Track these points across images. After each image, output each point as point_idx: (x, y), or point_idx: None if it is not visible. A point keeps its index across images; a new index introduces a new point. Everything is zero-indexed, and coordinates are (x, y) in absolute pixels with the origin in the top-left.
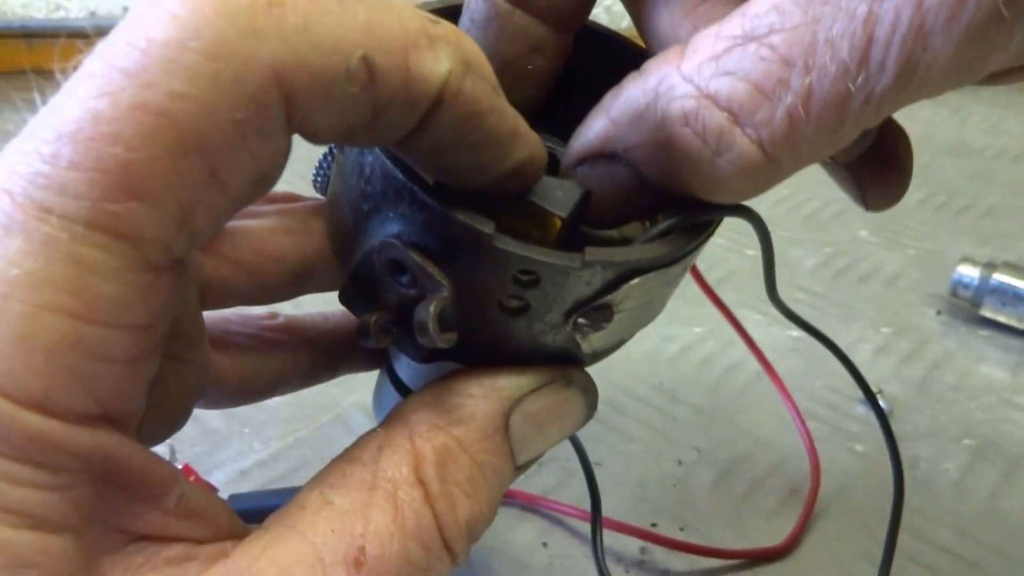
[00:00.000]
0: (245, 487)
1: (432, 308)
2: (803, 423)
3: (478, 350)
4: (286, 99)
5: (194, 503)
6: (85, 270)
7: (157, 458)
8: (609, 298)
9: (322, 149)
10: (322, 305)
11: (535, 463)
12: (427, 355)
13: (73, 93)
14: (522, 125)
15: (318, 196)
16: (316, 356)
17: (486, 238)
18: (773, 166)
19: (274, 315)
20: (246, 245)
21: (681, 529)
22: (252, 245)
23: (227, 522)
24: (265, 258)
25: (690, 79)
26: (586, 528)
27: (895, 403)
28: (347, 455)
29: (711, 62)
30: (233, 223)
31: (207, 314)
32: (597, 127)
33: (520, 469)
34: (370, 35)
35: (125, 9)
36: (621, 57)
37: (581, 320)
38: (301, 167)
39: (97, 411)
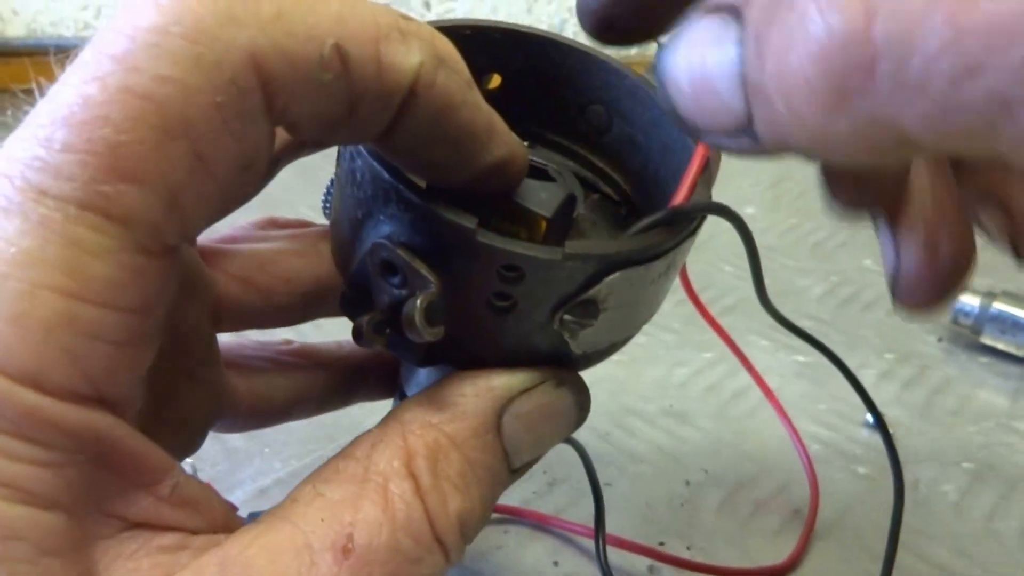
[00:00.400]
0: (265, 505)
1: (419, 302)
2: (803, 446)
3: (472, 352)
4: (264, 84)
5: (189, 492)
6: (79, 250)
7: (152, 445)
8: (592, 293)
9: (331, 176)
10: (341, 332)
11: (531, 469)
12: (423, 357)
13: (67, 80)
14: (498, 122)
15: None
16: (330, 381)
17: (469, 233)
18: None
19: (289, 342)
20: (256, 265)
21: (688, 548)
22: (263, 265)
23: (222, 514)
24: (276, 278)
25: None
26: (539, 529)
27: (897, 427)
28: (342, 453)
29: None
30: (244, 245)
31: (223, 339)
32: None
33: (516, 473)
34: (342, 25)
35: None
36: (554, 57)
37: (567, 317)
38: (312, 197)
39: (89, 391)
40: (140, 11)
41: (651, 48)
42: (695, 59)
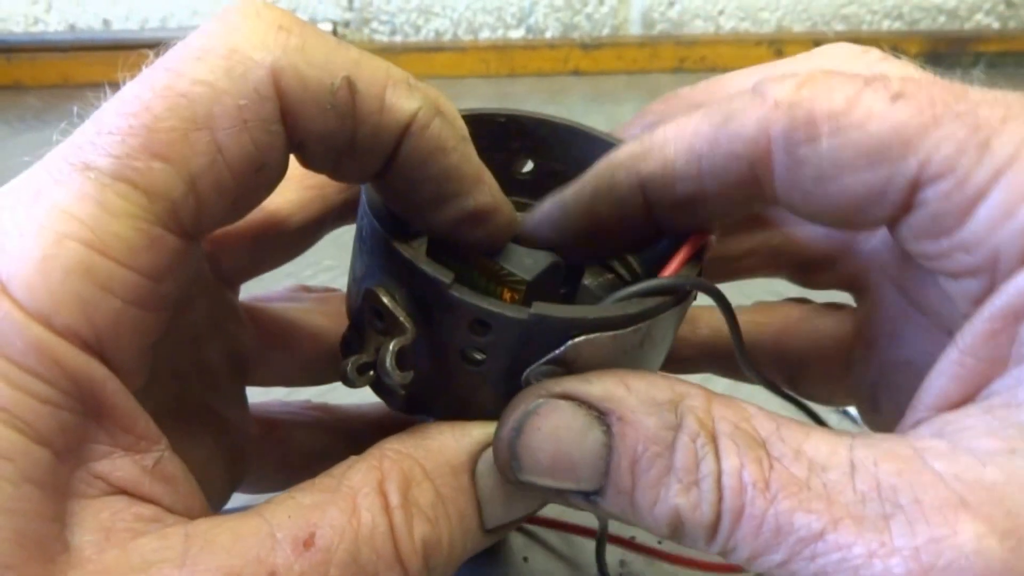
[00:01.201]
0: None
1: (392, 346)
2: None
3: (450, 403)
4: (280, 96)
5: (171, 470)
6: (104, 211)
7: (144, 414)
8: (559, 354)
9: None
10: (366, 396)
11: (504, 533)
12: (404, 404)
13: (128, 84)
14: (487, 175)
15: None
16: (350, 436)
17: (443, 286)
18: None
19: (310, 402)
20: (284, 321)
21: (660, 542)
22: (290, 322)
23: (198, 502)
24: (302, 335)
25: None
26: (566, 543)
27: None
28: (322, 473)
29: None
30: (274, 304)
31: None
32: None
33: (489, 534)
34: (357, 67)
35: (105, 22)
36: (582, 145)
37: (534, 377)
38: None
39: (93, 339)
40: (195, 38)
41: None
42: (560, 444)
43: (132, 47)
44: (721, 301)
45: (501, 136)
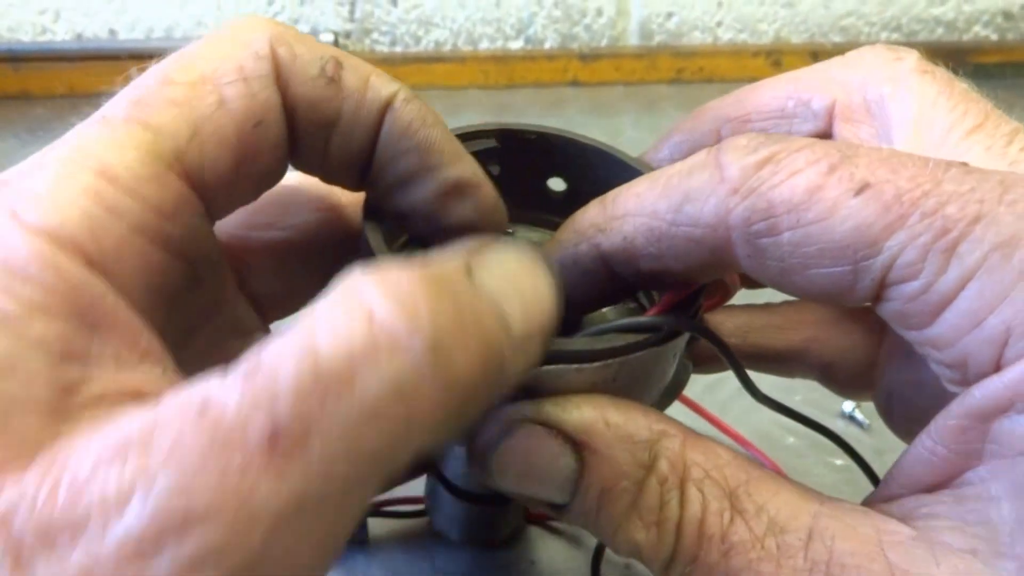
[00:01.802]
0: None
1: None
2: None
3: None
4: (276, 65)
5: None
6: (116, 146)
7: (148, 331)
8: (525, 379)
9: None
10: None
11: None
12: None
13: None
14: (467, 154)
15: None
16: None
17: None
18: None
19: None
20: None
21: None
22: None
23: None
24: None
25: None
26: (573, 545)
27: (874, 417)
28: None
29: None
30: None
31: None
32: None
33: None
34: (344, 55)
35: (111, 31)
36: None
37: (499, 399)
38: None
39: (97, 256)
40: (217, 29)
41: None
42: (531, 466)
43: (138, 57)
44: (716, 342)
45: (531, 153)
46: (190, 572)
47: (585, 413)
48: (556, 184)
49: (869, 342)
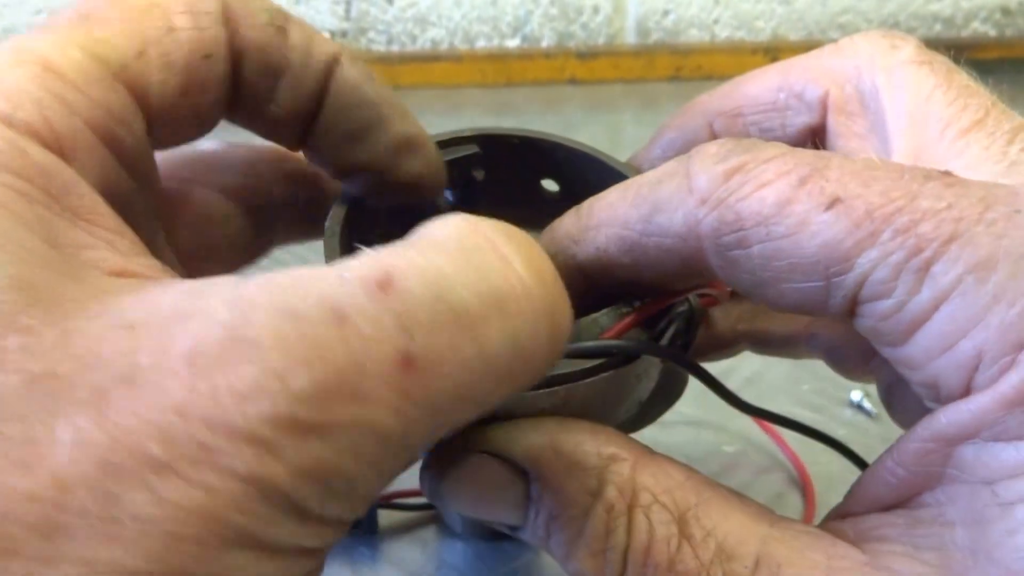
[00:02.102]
0: None
1: None
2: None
3: None
4: (224, 5)
5: (158, 267)
6: (59, 46)
7: (117, 217)
8: None
9: None
10: None
11: None
12: None
13: None
14: (412, 114)
15: None
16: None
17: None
18: None
19: None
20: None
21: None
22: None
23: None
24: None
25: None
26: None
27: (882, 407)
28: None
29: None
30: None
31: None
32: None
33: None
34: (289, 12)
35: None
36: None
37: None
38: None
39: (54, 142)
40: None
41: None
42: (481, 495)
43: None
44: (681, 363)
45: (517, 156)
46: (296, 478)
47: (532, 441)
48: (550, 185)
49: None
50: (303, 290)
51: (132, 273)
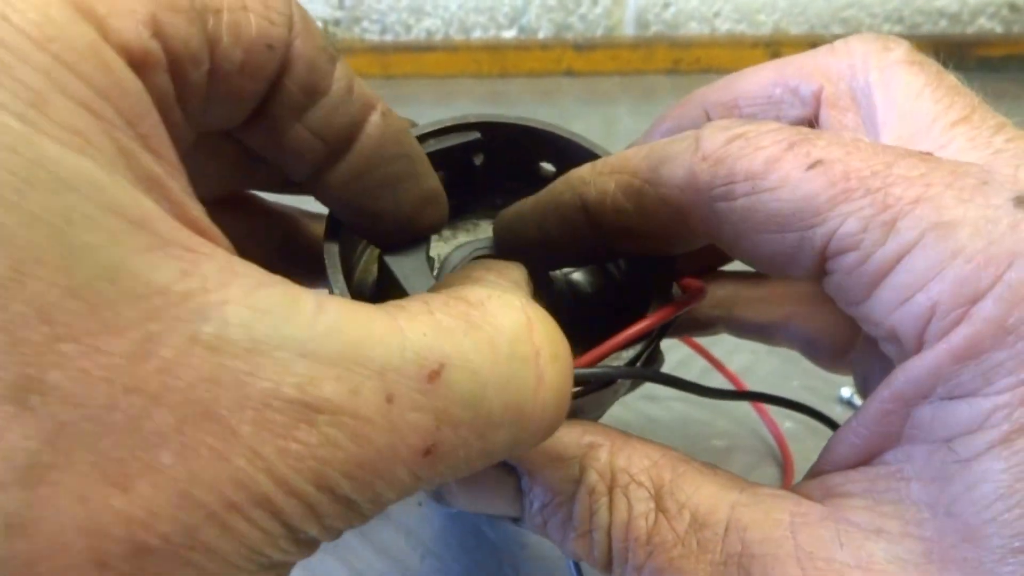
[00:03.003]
0: None
1: None
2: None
3: None
4: (291, 14)
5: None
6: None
7: (178, 162)
8: None
9: None
10: None
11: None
12: None
13: None
14: (432, 169)
15: None
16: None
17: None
18: None
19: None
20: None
21: None
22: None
23: (228, 246)
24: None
25: None
26: None
27: None
28: (453, 292)
29: None
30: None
31: None
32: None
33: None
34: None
35: None
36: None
37: None
38: None
39: (135, 54)
40: None
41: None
42: (477, 493)
43: None
44: (656, 380)
45: (516, 141)
46: (324, 530)
47: None
48: (548, 167)
49: (848, 324)
50: (367, 354)
51: (192, 220)
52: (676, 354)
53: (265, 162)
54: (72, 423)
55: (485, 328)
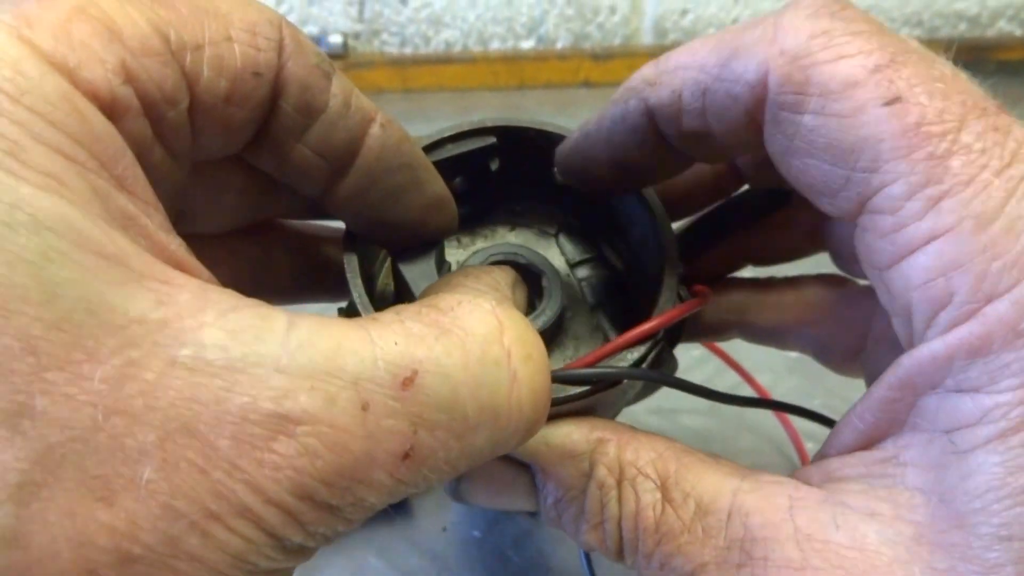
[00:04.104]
0: None
1: None
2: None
3: None
4: (281, 38)
5: (190, 256)
6: (126, 10)
7: (155, 197)
8: None
9: None
10: None
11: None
12: None
13: None
14: (437, 175)
15: None
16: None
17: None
18: None
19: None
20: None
21: None
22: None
23: (207, 276)
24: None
25: None
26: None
27: None
28: (425, 301)
29: None
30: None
31: None
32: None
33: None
34: (335, 65)
35: None
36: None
37: None
38: None
39: (109, 104)
40: None
41: None
42: (494, 489)
43: None
44: (663, 382)
45: (532, 146)
46: (307, 536)
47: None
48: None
49: (859, 329)
50: (339, 366)
51: (168, 255)
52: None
53: (283, 187)
54: (60, 444)
55: (456, 332)
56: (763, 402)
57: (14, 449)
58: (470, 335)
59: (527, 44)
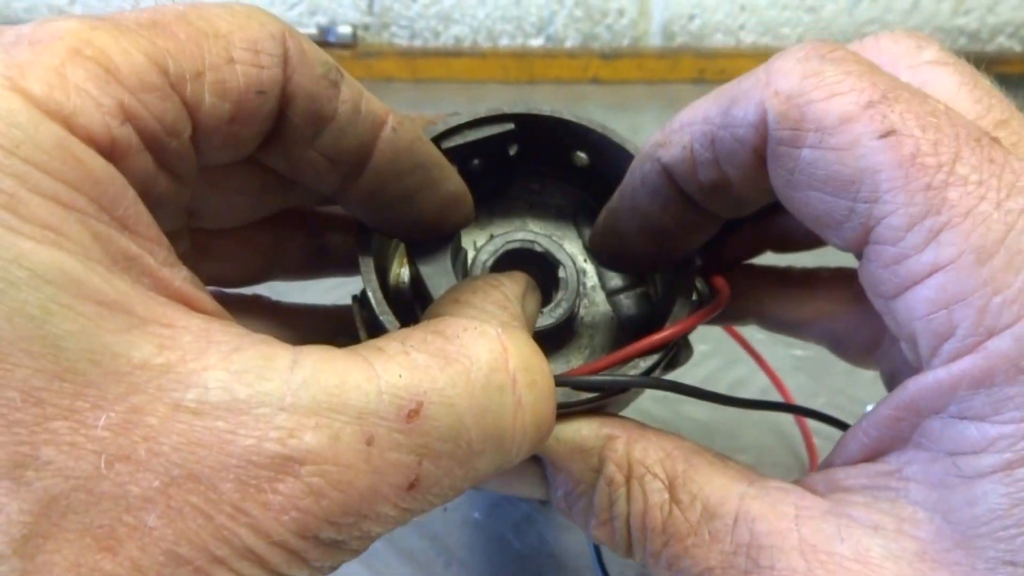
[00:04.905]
0: None
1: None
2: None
3: None
4: (285, 51)
5: (199, 290)
6: (123, 46)
7: (161, 234)
8: None
9: None
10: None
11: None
12: None
13: None
14: (453, 171)
15: None
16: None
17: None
18: None
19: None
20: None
21: None
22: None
23: (213, 308)
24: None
25: None
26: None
27: None
28: (431, 326)
29: None
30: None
31: None
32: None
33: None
34: (343, 70)
35: None
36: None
37: None
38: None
39: (108, 148)
40: (234, 4)
41: None
42: (506, 478)
43: None
44: (670, 389)
45: (551, 132)
46: (314, 572)
47: None
48: (582, 156)
49: (876, 324)
50: (344, 401)
51: (172, 291)
52: (703, 368)
53: (296, 183)
54: (64, 494)
55: (461, 361)
56: (771, 404)
57: (19, 501)
58: (475, 363)
59: (536, 42)
